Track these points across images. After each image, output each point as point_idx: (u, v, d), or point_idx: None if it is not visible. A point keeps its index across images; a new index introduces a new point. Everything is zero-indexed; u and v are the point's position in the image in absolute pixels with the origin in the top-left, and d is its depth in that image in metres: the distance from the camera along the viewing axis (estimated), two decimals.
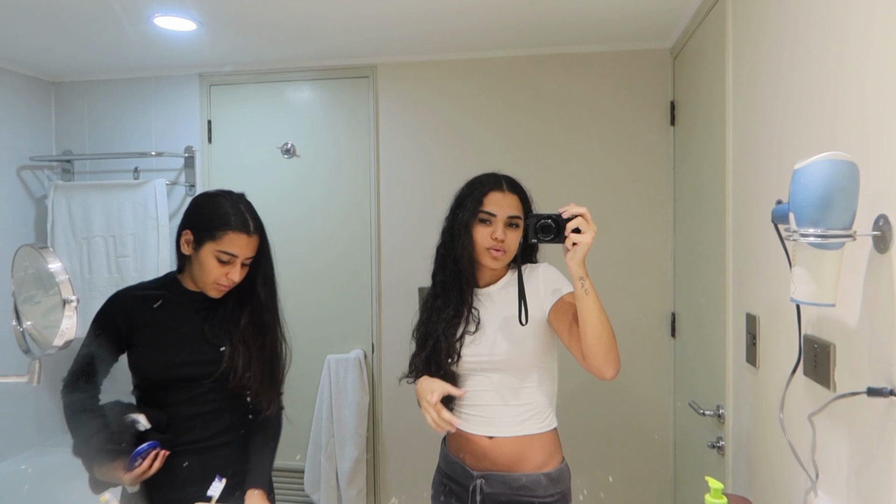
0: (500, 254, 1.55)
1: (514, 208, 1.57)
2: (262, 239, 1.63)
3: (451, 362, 1.58)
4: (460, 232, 1.57)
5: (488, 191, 1.58)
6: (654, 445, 2.56)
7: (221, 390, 1.60)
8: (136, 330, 1.59)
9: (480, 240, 1.56)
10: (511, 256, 1.59)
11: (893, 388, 0.86)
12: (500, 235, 1.54)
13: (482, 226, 1.56)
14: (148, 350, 1.59)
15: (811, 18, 1.18)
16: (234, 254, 1.55)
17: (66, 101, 2.93)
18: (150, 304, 1.62)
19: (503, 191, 1.58)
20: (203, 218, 1.59)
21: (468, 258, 1.58)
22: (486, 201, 1.56)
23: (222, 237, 1.54)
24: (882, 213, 0.89)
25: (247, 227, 1.58)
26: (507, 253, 1.56)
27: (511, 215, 1.56)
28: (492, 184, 1.59)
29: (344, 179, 2.75)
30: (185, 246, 1.60)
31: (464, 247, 1.56)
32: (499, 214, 1.56)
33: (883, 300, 0.90)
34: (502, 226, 1.55)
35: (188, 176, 2.83)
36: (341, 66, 2.71)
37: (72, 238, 2.77)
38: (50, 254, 1.04)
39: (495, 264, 1.58)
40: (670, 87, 2.49)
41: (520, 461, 1.56)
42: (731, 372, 1.71)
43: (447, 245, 1.62)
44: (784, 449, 1.21)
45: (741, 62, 1.62)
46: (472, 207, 1.57)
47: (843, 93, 1.04)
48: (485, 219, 1.56)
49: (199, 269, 1.57)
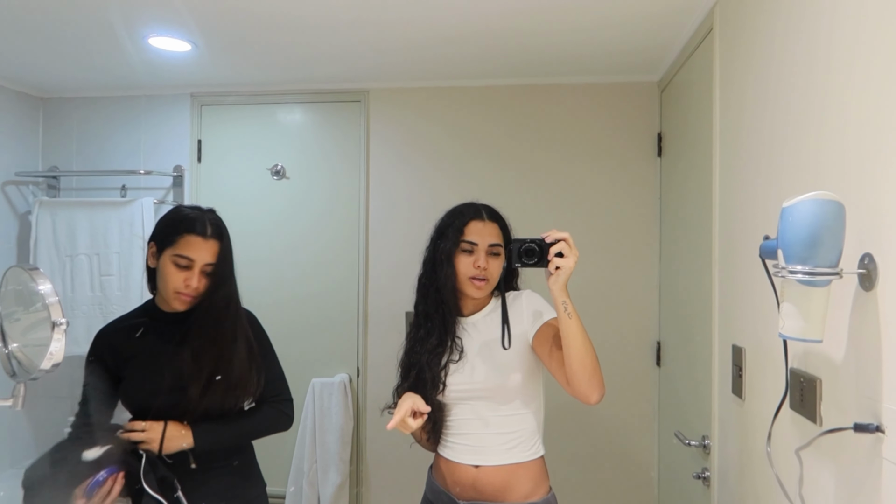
0: (482, 283, 1.57)
1: (495, 237, 1.59)
2: (222, 246, 1.59)
3: (435, 392, 1.58)
4: (442, 262, 1.58)
5: (469, 220, 1.60)
6: (638, 474, 2.56)
7: (212, 411, 1.57)
8: (123, 363, 1.59)
9: (463, 269, 1.57)
10: (494, 285, 1.60)
11: (879, 425, 0.88)
12: (482, 264, 1.55)
13: (464, 255, 1.57)
14: (135, 380, 1.58)
15: (796, 56, 1.21)
16: (189, 257, 1.53)
17: (55, 116, 2.91)
18: (133, 334, 1.61)
19: (483, 220, 1.60)
20: (163, 226, 1.60)
21: (451, 288, 1.59)
22: (467, 231, 1.58)
23: (178, 241, 1.54)
24: (867, 251, 0.91)
25: (203, 230, 1.56)
26: (490, 281, 1.58)
27: (492, 243, 1.58)
28: (472, 213, 1.61)
29: (333, 202, 2.75)
30: (151, 259, 1.60)
31: (447, 276, 1.58)
32: (480, 243, 1.57)
33: (869, 336, 0.91)
34: (484, 254, 1.57)
35: (176, 195, 2.82)
36: (333, 91, 2.74)
37: (55, 255, 2.74)
38: (39, 274, 1.03)
39: (478, 293, 1.59)
40: (657, 119, 2.54)
41: (506, 490, 1.56)
42: (717, 403, 1.72)
43: (429, 275, 1.63)
44: (770, 481, 1.22)
45: (728, 96, 1.66)
46: (453, 237, 1.58)
47: (829, 130, 1.07)
48: (467, 248, 1.57)
49: (161, 280, 1.57)
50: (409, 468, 2.65)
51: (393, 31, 2.09)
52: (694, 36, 1.97)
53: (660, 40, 2.13)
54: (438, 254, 1.60)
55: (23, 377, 1.03)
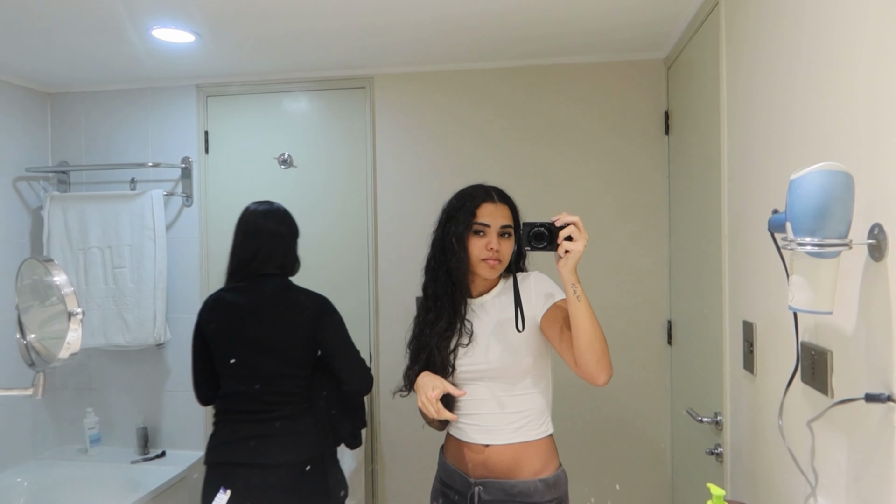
0: (496, 263, 1.58)
1: (506, 218, 1.61)
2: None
3: (445, 375, 1.60)
4: (454, 244, 1.60)
5: (481, 202, 1.61)
6: (651, 452, 2.57)
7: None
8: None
9: (476, 251, 1.58)
10: (505, 265, 1.61)
11: (891, 394, 0.88)
12: (495, 245, 1.57)
13: (476, 237, 1.59)
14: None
15: (804, 28, 1.20)
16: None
17: (62, 111, 2.93)
18: None
19: (495, 202, 1.61)
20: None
21: (464, 270, 1.60)
22: (479, 213, 1.59)
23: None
24: (877, 221, 0.91)
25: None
26: (502, 262, 1.60)
27: (504, 225, 1.60)
28: (483, 195, 1.62)
29: (341, 189, 2.76)
30: None
31: (459, 259, 1.59)
32: (492, 225, 1.58)
33: (879, 307, 0.91)
34: (496, 236, 1.58)
35: (185, 187, 2.84)
36: (338, 77, 2.73)
37: (68, 249, 2.77)
38: (54, 266, 1.05)
39: (492, 274, 1.60)
40: (664, 96, 2.52)
41: (516, 468, 1.58)
42: (729, 379, 1.73)
43: (438, 258, 1.64)
44: (783, 455, 1.22)
45: (735, 72, 1.65)
46: (465, 220, 1.59)
47: (837, 102, 1.06)
48: (479, 230, 1.59)
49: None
50: (422, 450, 2.69)
51: (396, 16, 2.08)
52: (699, 11, 1.95)
53: (665, 16, 2.11)
54: (449, 236, 1.61)
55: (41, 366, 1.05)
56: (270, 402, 1.88)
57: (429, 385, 1.52)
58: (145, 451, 2.80)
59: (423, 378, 1.57)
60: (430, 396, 1.48)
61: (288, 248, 2.01)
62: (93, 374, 2.94)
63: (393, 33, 2.25)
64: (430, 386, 1.51)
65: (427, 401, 1.49)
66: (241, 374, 1.89)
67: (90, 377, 2.94)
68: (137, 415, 2.87)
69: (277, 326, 1.89)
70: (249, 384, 1.87)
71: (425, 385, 1.53)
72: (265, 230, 1.97)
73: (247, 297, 1.92)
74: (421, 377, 1.58)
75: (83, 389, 2.94)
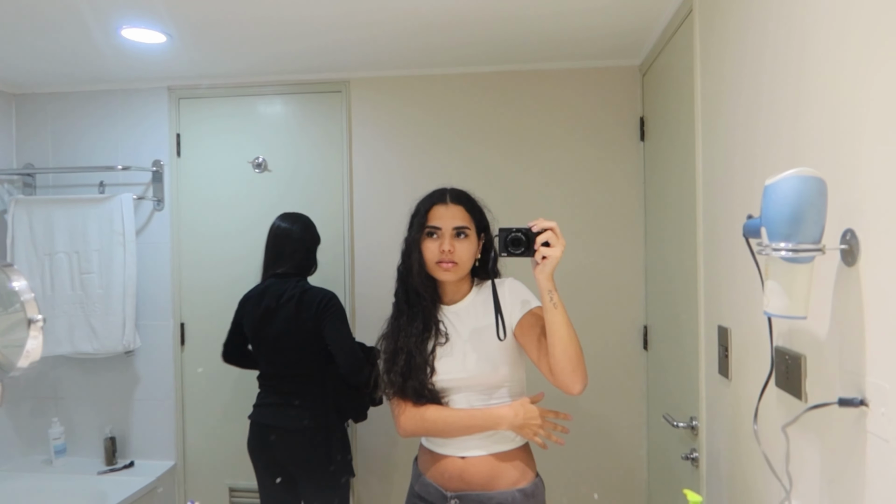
0: (450, 265, 1.56)
1: (460, 219, 1.58)
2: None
3: (426, 377, 1.58)
4: (411, 249, 1.60)
5: (432, 205, 1.60)
6: (628, 457, 2.58)
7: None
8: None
9: (429, 255, 1.57)
10: (464, 269, 1.59)
11: (863, 399, 0.88)
12: (446, 247, 1.55)
13: (429, 240, 1.58)
14: None
15: (776, 35, 1.21)
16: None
17: (28, 112, 2.85)
18: None
19: (446, 203, 1.60)
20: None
21: (423, 275, 1.59)
22: (430, 216, 1.59)
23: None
24: (849, 227, 0.92)
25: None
26: (459, 264, 1.57)
27: (457, 226, 1.57)
28: (435, 198, 1.62)
29: (317, 194, 2.72)
30: None
31: (416, 263, 1.58)
32: (444, 227, 1.57)
33: (852, 312, 0.92)
34: (449, 238, 1.56)
35: (156, 190, 2.78)
36: (314, 81, 2.70)
37: (33, 254, 2.69)
38: (14, 272, 1.00)
39: (447, 277, 1.58)
40: (640, 103, 2.54)
41: (493, 479, 1.56)
42: (704, 384, 1.74)
43: (405, 263, 1.64)
44: (758, 459, 1.23)
45: (709, 78, 1.66)
46: (418, 224, 1.59)
47: (807, 107, 1.07)
48: (431, 232, 1.58)
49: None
50: (396, 461, 2.67)
51: (373, 20, 2.06)
52: (673, 19, 1.97)
53: (640, 24, 2.13)
54: (407, 241, 1.62)
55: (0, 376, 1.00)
56: (288, 378, 2.28)
57: (537, 413, 1.56)
58: (113, 462, 2.73)
59: (529, 409, 1.56)
60: (545, 416, 1.56)
61: (305, 252, 2.35)
62: (59, 383, 2.85)
63: (370, 37, 2.23)
64: (538, 414, 1.56)
65: (545, 423, 1.56)
66: (266, 359, 2.33)
67: (56, 386, 2.86)
68: (105, 424, 2.79)
69: (291, 322, 2.23)
70: (272, 366, 2.31)
71: (535, 413, 1.56)
72: (285, 235, 2.34)
73: (268, 296, 2.27)
74: (526, 408, 1.56)
75: (48, 398, 2.86)
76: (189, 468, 2.80)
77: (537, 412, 1.55)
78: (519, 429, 1.54)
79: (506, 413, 1.54)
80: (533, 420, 1.53)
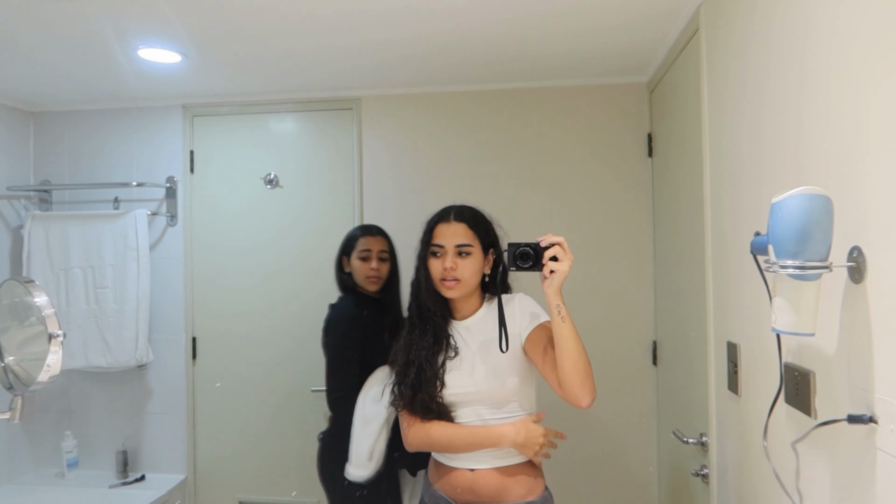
0: (453, 283, 1.58)
1: (462, 236, 1.60)
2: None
3: (436, 389, 1.59)
4: (419, 266, 1.64)
5: (436, 224, 1.63)
6: (638, 473, 2.56)
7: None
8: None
9: (434, 273, 1.60)
10: (468, 286, 1.61)
11: (872, 415, 0.89)
12: (449, 265, 1.57)
13: (434, 259, 1.61)
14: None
15: (782, 52, 1.23)
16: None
17: (46, 130, 2.91)
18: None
19: (449, 221, 1.62)
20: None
21: (432, 291, 1.62)
22: (434, 234, 1.62)
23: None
24: (856, 244, 0.92)
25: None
26: (462, 281, 1.59)
27: (459, 244, 1.59)
28: (440, 216, 1.65)
29: (328, 210, 2.75)
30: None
31: (424, 280, 1.62)
32: (446, 245, 1.59)
33: (860, 328, 0.93)
34: (451, 255, 1.58)
35: (170, 206, 2.82)
36: (325, 99, 2.74)
37: (49, 269, 2.73)
38: (35, 287, 1.03)
39: (451, 294, 1.61)
40: (647, 119, 2.56)
41: (502, 492, 1.57)
42: (714, 400, 1.73)
43: (416, 280, 1.68)
44: (768, 476, 1.23)
45: (716, 95, 1.68)
46: (424, 242, 1.63)
47: (813, 125, 1.09)
48: (435, 251, 1.61)
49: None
50: None
51: (384, 40, 2.10)
52: (681, 37, 1.99)
53: (648, 42, 2.15)
54: (417, 259, 1.66)
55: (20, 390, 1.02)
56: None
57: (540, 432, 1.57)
58: (124, 475, 2.75)
59: (532, 428, 1.57)
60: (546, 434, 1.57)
61: (337, 267, 2.32)
62: (72, 397, 2.88)
63: (380, 55, 2.27)
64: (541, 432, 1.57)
65: (545, 441, 1.57)
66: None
67: (69, 399, 2.88)
68: (117, 438, 2.81)
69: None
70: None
71: (538, 433, 1.57)
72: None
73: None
74: (529, 427, 1.57)
75: (62, 412, 2.88)
76: (200, 482, 2.81)
77: (540, 431, 1.56)
78: (521, 447, 1.55)
79: (508, 431, 1.55)
80: (535, 439, 1.55)
